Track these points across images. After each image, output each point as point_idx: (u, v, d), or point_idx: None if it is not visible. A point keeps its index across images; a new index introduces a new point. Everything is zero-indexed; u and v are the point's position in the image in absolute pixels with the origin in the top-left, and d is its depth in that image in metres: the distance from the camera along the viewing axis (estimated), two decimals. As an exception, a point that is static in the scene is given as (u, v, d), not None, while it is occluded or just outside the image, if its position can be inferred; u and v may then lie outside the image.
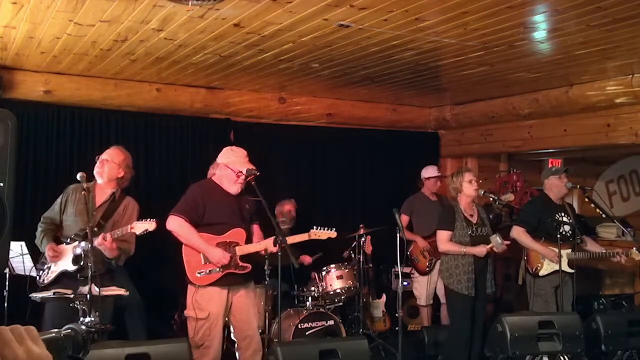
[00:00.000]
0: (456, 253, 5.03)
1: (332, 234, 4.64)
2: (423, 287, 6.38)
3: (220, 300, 4.25)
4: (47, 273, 4.25)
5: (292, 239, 4.49)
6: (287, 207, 6.26)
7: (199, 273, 4.24)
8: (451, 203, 5.26)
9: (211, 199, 4.33)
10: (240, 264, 4.30)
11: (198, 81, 6.04)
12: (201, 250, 4.23)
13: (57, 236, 4.37)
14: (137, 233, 4.11)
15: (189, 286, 4.29)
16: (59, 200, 4.40)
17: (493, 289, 5.26)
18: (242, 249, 4.32)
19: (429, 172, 6.66)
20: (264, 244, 4.35)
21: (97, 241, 3.99)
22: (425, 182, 6.63)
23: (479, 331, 5.05)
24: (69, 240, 4.25)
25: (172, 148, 6.37)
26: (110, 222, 4.27)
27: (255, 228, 4.55)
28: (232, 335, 4.54)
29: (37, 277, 4.35)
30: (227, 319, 4.41)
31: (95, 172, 4.36)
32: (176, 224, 4.20)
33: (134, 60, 5.05)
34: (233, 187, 4.37)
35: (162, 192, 6.21)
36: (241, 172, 4.33)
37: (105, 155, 4.40)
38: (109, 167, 4.36)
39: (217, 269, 4.23)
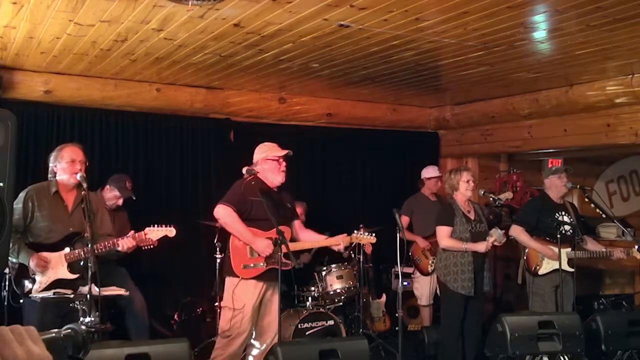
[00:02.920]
0: (458, 249, 5.01)
1: (372, 239, 4.81)
2: (424, 287, 6.37)
3: (257, 294, 4.37)
4: (35, 283, 3.99)
5: (323, 242, 4.69)
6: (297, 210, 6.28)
7: (244, 266, 4.34)
8: (448, 200, 5.25)
9: (254, 197, 4.40)
10: (284, 260, 4.36)
11: (198, 81, 6.04)
12: (247, 240, 4.33)
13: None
14: (155, 239, 4.11)
15: (230, 278, 4.39)
16: (19, 205, 4.01)
17: (489, 287, 5.27)
18: (294, 246, 4.44)
19: (429, 172, 6.66)
20: (324, 242, 4.59)
21: (123, 247, 4.02)
22: (426, 182, 6.63)
23: (475, 330, 5.06)
24: (68, 247, 4.08)
25: (172, 148, 6.37)
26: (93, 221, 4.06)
27: (298, 224, 4.71)
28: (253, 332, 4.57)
29: (15, 288, 4.01)
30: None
31: (68, 173, 4.10)
32: (225, 212, 4.30)
33: (134, 60, 5.05)
34: (278, 176, 4.49)
35: (161, 192, 6.21)
36: (280, 156, 4.49)
37: (81, 156, 4.18)
38: (84, 169, 4.15)
39: (262, 264, 4.34)
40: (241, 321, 4.31)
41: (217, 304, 5.39)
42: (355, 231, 4.77)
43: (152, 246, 4.26)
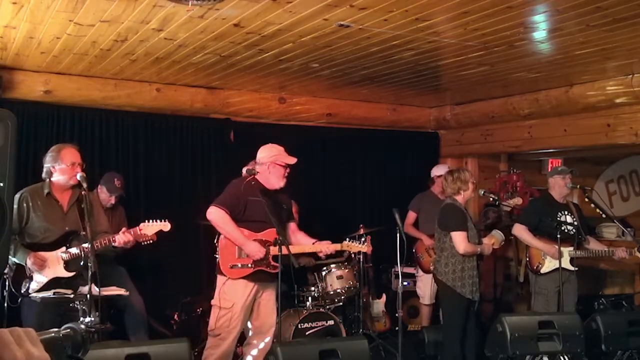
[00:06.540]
0: (474, 253, 4.91)
1: (365, 248, 4.76)
2: (427, 286, 6.34)
3: (246, 294, 4.35)
4: (32, 282, 4.03)
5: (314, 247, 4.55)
6: None
7: (232, 266, 4.34)
8: (451, 202, 5.07)
9: (252, 197, 4.39)
10: (272, 263, 4.36)
11: (198, 81, 6.03)
12: (239, 242, 4.32)
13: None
14: (150, 234, 4.11)
15: (219, 276, 4.39)
16: (14, 207, 3.93)
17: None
18: (291, 249, 4.37)
19: (439, 170, 6.61)
20: (308, 248, 4.52)
21: (119, 242, 4.01)
22: (436, 180, 6.58)
23: (475, 332, 5.05)
24: (64, 246, 4.11)
25: (172, 148, 6.37)
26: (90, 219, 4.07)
27: (293, 226, 4.67)
28: (249, 332, 4.56)
29: (13, 289, 4.03)
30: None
31: (69, 175, 4.15)
32: (218, 215, 4.29)
33: (134, 60, 5.05)
34: (281, 181, 4.47)
35: (161, 192, 6.21)
36: (288, 164, 4.47)
37: (80, 159, 4.22)
38: (81, 170, 4.19)
39: (249, 265, 4.33)
40: (229, 320, 4.30)
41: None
42: (347, 239, 4.69)
43: (151, 241, 4.27)
